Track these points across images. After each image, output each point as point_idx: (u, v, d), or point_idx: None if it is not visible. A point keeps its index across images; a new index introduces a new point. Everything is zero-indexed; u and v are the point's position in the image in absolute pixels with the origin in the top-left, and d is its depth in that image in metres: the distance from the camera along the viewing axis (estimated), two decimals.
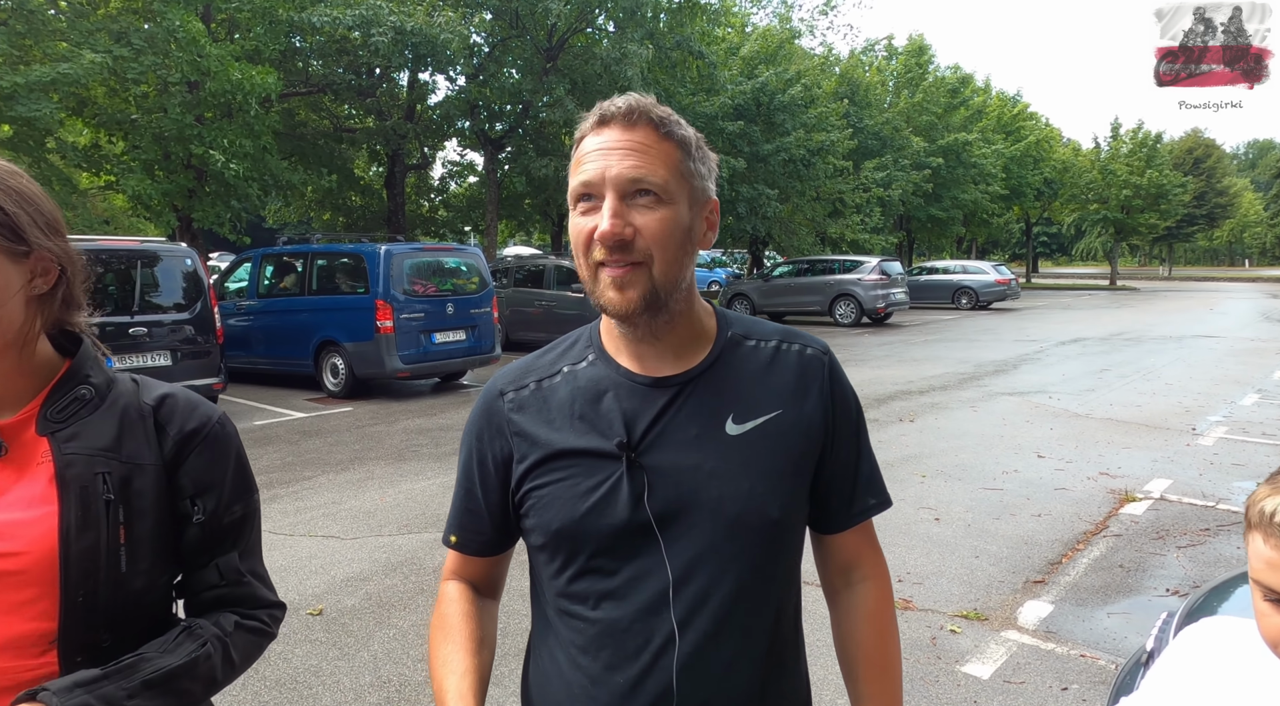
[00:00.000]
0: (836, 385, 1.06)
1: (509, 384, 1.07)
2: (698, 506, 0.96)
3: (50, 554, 0.88)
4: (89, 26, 11.27)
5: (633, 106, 0.95)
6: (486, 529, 1.08)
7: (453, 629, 1.05)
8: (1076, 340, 15.09)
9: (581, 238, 0.95)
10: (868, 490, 1.08)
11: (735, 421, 0.99)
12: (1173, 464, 6.13)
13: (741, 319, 1.10)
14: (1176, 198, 35.90)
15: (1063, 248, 76.49)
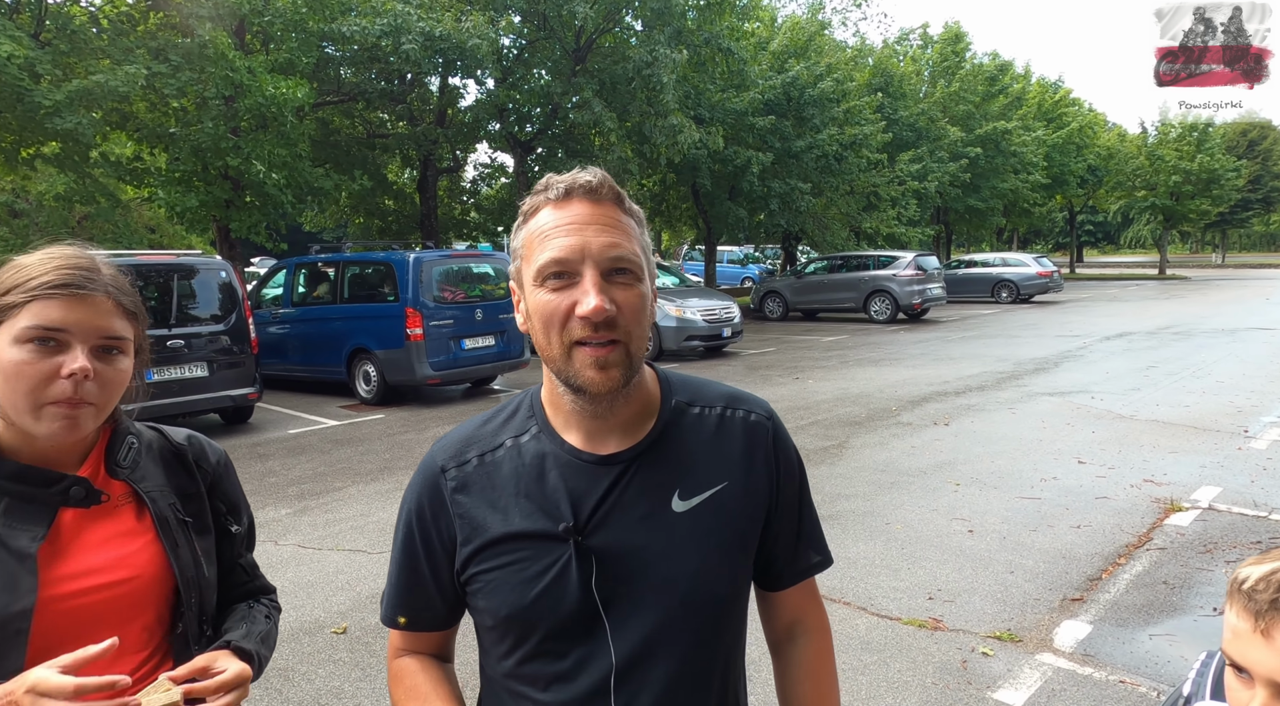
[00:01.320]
0: (780, 449, 1.06)
1: (450, 459, 1.03)
2: (645, 589, 0.96)
3: (158, 573, 1.10)
4: (128, 44, 11.57)
5: (598, 181, 0.94)
6: (437, 606, 1.06)
7: (428, 694, 1.04)
8: (1122, 335, 14.62)
9: (557, 315, 0.90)
10: (810, 548, 1.10)
11: (681, 497, 0.98)
12: (1222, 470, 5.88)
13: (685, 382, 1.08)
14: (1229, 182, 34.57)
15: (1109, 236, 74.33)
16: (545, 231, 0.92)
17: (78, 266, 1.04)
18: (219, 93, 11.28)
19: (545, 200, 0.94)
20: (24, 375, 0.99)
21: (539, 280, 0.92)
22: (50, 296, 1.00)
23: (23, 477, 1.02)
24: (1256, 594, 0.78)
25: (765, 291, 20.61)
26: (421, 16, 12.76)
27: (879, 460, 6.39)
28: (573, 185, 0.93)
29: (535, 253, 0.92)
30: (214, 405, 8.10)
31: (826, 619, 1.15)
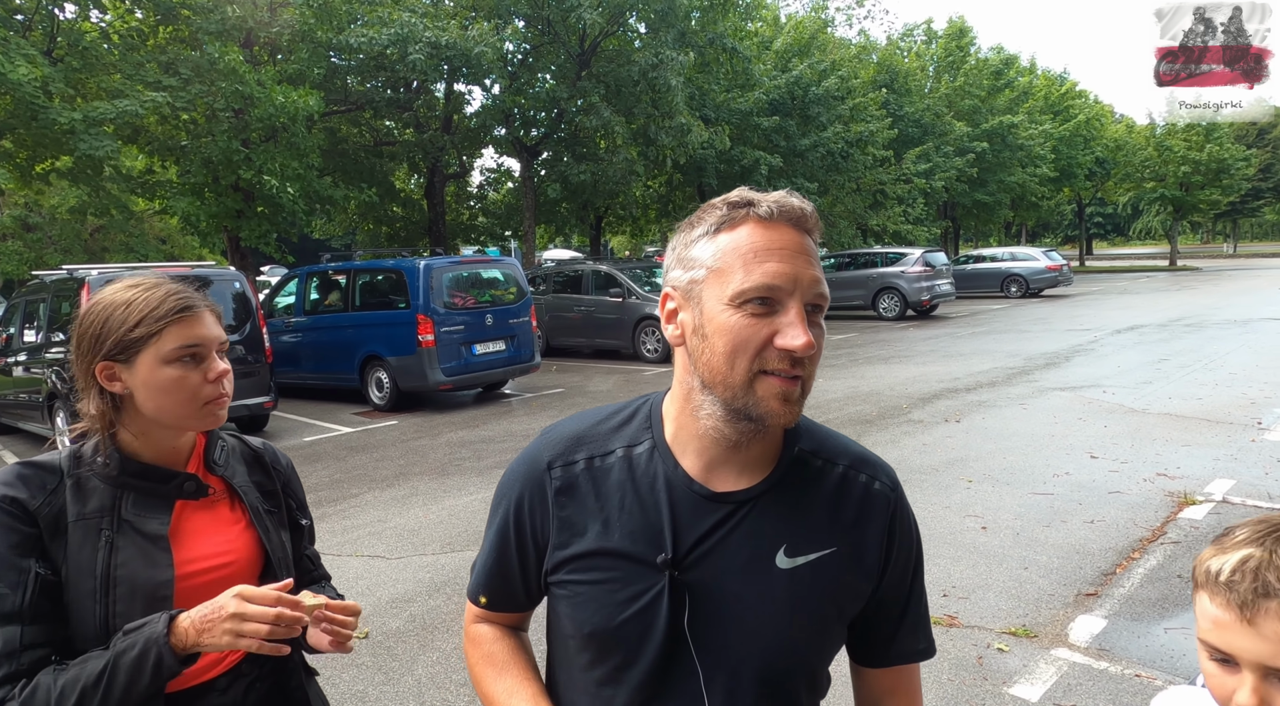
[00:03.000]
0: (899, 526, 1.01)
1: (557, 456, 1.01)
2: (736, 639, 0.93)
3: (252, 557, 1.29)
4: (139, 59, 11.72)
5: (805, 210, 0.89)
6: (519, 595, 1.07)
7: (506, 663, 1.06)
8: (1133, 328, 14.56)
9: (753, 342, 0.85)
10: (911, 635, 1.04)
11: (788, 553, 0.94)
12: (1236, 462, 5.87)
13: (812, 430, 1.02)
14: (1240, 172, 34.33)
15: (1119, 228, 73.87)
16: (754, 251, 0.86)
17: (183, 292, 1.23)
18: (229, 105, 11.41)
19: (749, 216, 0.88)
20: (184, 386, 1.19)
21: (737, 301, 0.86)
22: (180, 319, 1.19)
23: (146, 475, 1.20)
24: (1236, 584, 0.82)
25: None
26: (428, 25, 12.86)
27: (891, 458, 6.41)
28: (783, 208, 0.88)
29: (738, 271, 0.86)
30: (230, 414, 8.17)
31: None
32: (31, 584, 1.08)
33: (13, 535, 1.09)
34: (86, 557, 1.12)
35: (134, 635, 1.06)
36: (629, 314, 13.11)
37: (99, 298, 1.22)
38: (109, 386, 1.19)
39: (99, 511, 1.15)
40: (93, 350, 1.19)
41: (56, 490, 1.14)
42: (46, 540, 1.11)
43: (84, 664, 1.05)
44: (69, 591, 1.11)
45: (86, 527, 1.14)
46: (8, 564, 1.08)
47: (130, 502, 1.18)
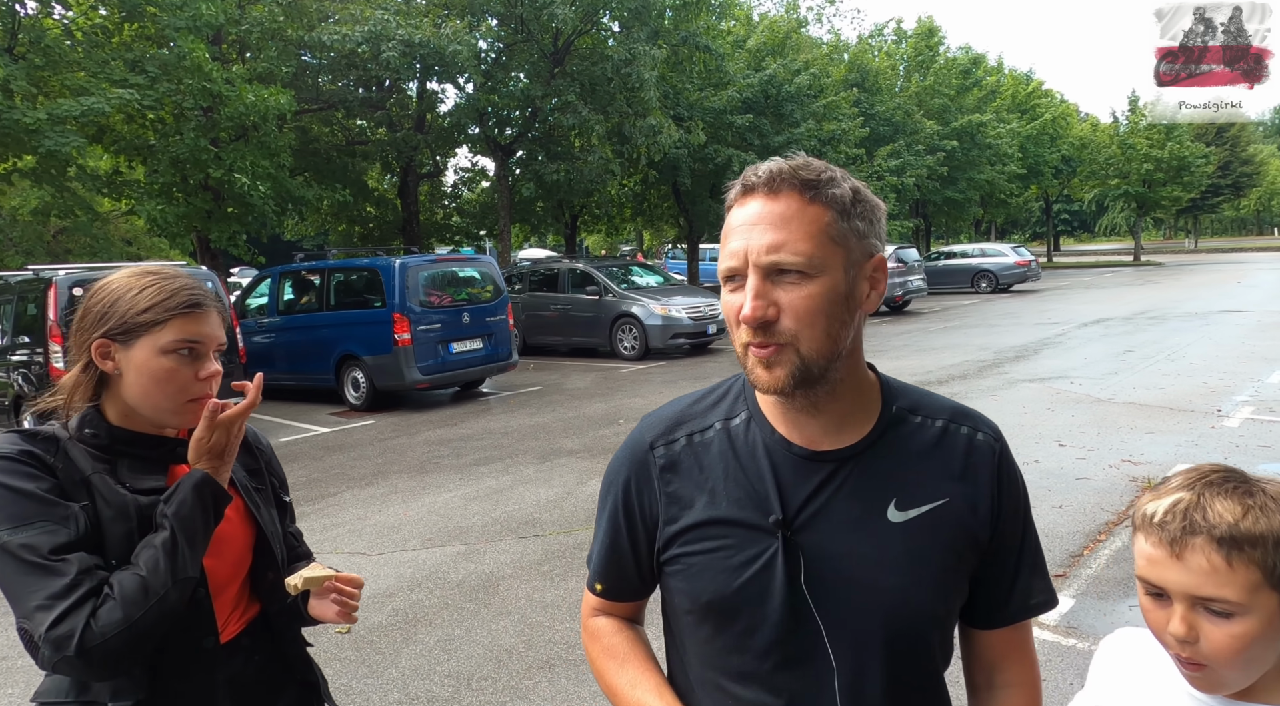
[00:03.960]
0: (1006, 476, 1.00)
1: (659, 436, 1.04)
2: (856, 595, 0.93)
3: (243, 530, 1.33)
4: (104, 56, 11.50)
5: (774, 173, 0.90)
6: (633, 579, 1.08)
7: (626, 655, 1.07)
8: (1099, 321, 14.90)
9: (730, 316, 0.92)
10: (1027, 590, 1.01)
11: (898, 507, 0.94)
12: (1196, 448, 6.06)
13: (908, 390, 1.04)
14: (1200, 169, 35.16)
15: (1085, 225, 75.30)
16: (727, 234, 0.92)
17: (196, 288, 1.25)
18: (197, 103, 11.25)
19: (734, 197, 0.94)
20: (174, 379, 1.21)
21: (723, 282, 0.93)
22: (188, 314, 1.22)
23: (136, 441, 1.24)
24: (1168, 524, 0.89)
25: None
26: (400, 23, 12.77)
27: None
28: (751, 181, 0.91)
29: (720, 256, 0.93)
30: None
31: (1036, 673, 1.05)
32: (81, 517, 1.12)
33: (42, 481, 1.12)
34: (117, 502, 1.16)
35: (175, 495, 1.16)
36: (606, 312, 13.15)
37: (114, 277, 1.26)
38: (101, 363, 1.21)
39: (106, 471, 1.20)
40: (95, 325, 1.21)
41: (59, 452, 1.17)
42: (69, 491, 1.14)
43: (146, 546, 1.12)
44: (105, 536, 1.15)
45: (105, 481, 1.18)
46: (50, 503, 1.11)
47: (125, 468, 1.21)
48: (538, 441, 7.54)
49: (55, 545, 1.07)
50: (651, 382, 10.62)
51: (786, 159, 0.93)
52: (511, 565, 4.55)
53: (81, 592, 1.05)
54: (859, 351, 0.97)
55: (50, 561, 1.06)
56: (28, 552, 1.06)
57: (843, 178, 0.92)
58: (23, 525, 1.08)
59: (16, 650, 3.80)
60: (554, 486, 6.04)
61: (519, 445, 7.44)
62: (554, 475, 6.34)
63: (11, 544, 1.07)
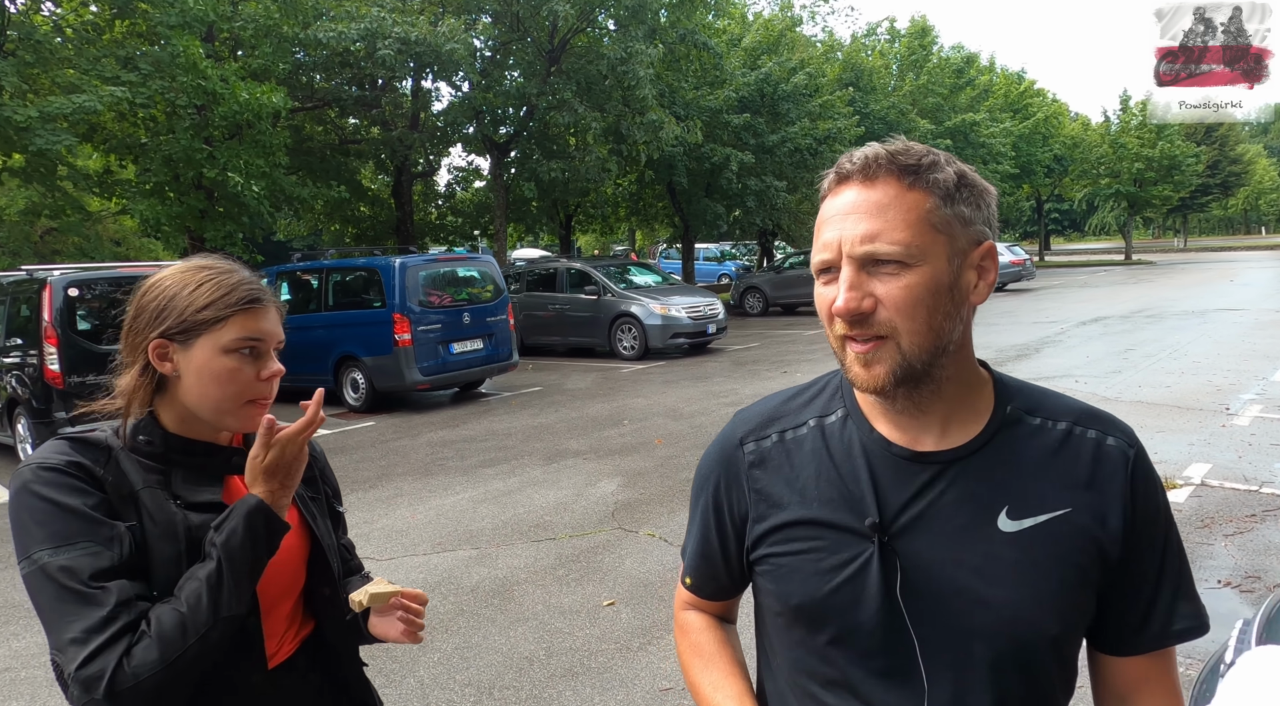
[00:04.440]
0: (1142, 485, 0.90)
1: (750, 433, 1.01)
2: (959, 609, 0.86)
3: (300, 543, 1.24)
4: (95, 53, 11.34)
5: (870, 158, 0.86)
6: (722, 577, 1.06)
7: (712, 655, 1.06)
8: (1097, 319, 14.92)
9: (824, 309, 0.88)
10: (1169, 615, 0.90)
11: (1011, 516, 0.87)
12: (1210, 446, 6.03)
13: (1026, 390, 0.96)
14: (1190, 168, 35.45)
15: (1075, 224, 75.74)
16: (820, 225, 0.89)
17: (255, 282, 1.18)
18: (191, 101, 11.09)
19: (828, 186, 0.90)
20: (236, 380, 1.14)
21: (816, 274, 0.89)
22: (249, 310, 1.15)
23: (191, 450, 1.16)
24: None
25: (745, 287, 20.73)
26: (397, 21, 12.65)
27: None
28: (845, 169, 0.88)
29: (814, 248, 0.90)
30: None
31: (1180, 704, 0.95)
32: (125, 538, 1.04)
33: (89, 496, 1.04)
34: (166, 521, 1.08)
35: (227, 523, 1.06)
36: (605, 311, 13.06)
37: (167, 273, 1.17)
38: (159, 365, 1.13)
39: (158, 484, 1.11)
40: (151, 324, 1.13)
41: (109, 463, 1.09)
42: (116, 506, 1.06)
43: (191, 577, 1.03)
44: (151, 557, 1.06)
45: (156, 496, 1.10)
46: (94, 522, 1.02)
47: (179, 479, 1.13)
48: (542, 442, 7.45)
49: (97, 569, 0.99)
50: (653, 383, 10.54)
51: (884, 143, 0.88)
52: (525, 569, 4.46)
53: (117, 627, 0.97)
54: (968, 347, 0.91)
55: (90, 588, 0.98)
56: (67, 576, 0.98)
57: (947, 161, 0.87)
58: (65, 545, 1.00)
59: (20, 661, 3.69)
60: (563, 488, 5.95)
61: (523, 446, 7.34)
62: (562, 477, 6.26)
63: (51, 566, 0.99)
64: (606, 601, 4.01)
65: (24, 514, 1.03)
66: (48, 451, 1.08)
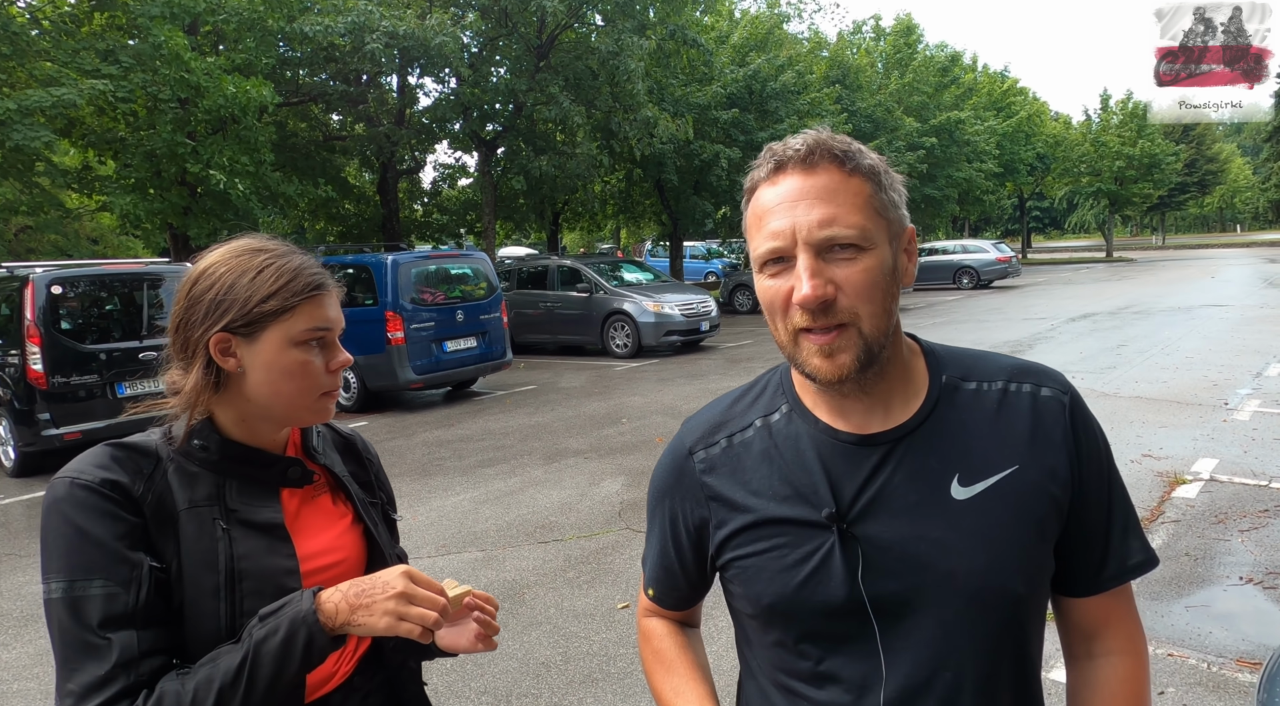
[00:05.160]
0: (1081, 430, 0.91)
1: (698, 441, 1.00)
2: (925, 585, 0.86)
3: (360, 555, 1.15)
4: (74, 45, 11.05)
5: (811, 145, 0.85)
6: (683, 587, 1.07)
7: (674, 661, 1.07)
8: (1086, 316, 15.01)
9: (777, 302, 0.86)
10: (1122, 550, 0.92)
11: (962, 483, 0.88)
12: (1214, 441, 6.04)
13: (955, 356, 0.97)
14: (1169, 166, 35.89)
15: (1055, 221, 76.54)
16: (760, 213, 0.87)
17: (316, 265, 1.08)
18: (174, 95, 10.84)
19: (763, 176, 0.88)
20: (309, 373, 1.05)
21: (759, 267, 0.87)
22: (314, 297, 1.05)
23: (249, 459, 1.06)
24: None
25: (735, 285, 20.69)
26: (385, 15, 12.44)
27: None
28: (783, 157, 0.86)
29: (754, 239, 0.88)
30: None
31: (1141, 638, 0.96)
32: (146, 580, 0.93)
33: (118, 524, 0.94)
34: (205, 550, 0.98)
35: (274, 618, 0.93)
36: (597, 309, 12.94)
37: (219, 259, 1.06)
38: (221, 361, 1.03)
39: (207, 499, 1.01)
40: (210, 317, 1.02)
41: (154, 475, 0.99)
42: (153, 531, 0.97)
43: (214, 661, 0.92)
44: (186, 589, 0.96)
45: (199, 517, 1.00)
46: (117, 557, 0.92)
47: (234, 490, 1.04)
48: (541, 442, 7.33)
49: (108, 615, 0.90)
50: (647, 380, 10.45)
51: (814, 132, 0.88)
52: (535, 572, 4.35)
53: (112, 692, 0.88)
54: (899, 327, 0.92)
55: (95, 638, 0.89)
56: (76, 619, 0.90)
57: (867, 149, 0.89)
58: (82, 579, 0.91)
59: (10, 672, 3.53)
60: (566, 488, 5.84)
61: (522, 446, 7.22)
62: (564, 476, 6.15)
63: (64, 602, 0.90)
64: (620, 604, 3.91)
65: (49, 534, 0.94)
66: (87, 463, 0.97)
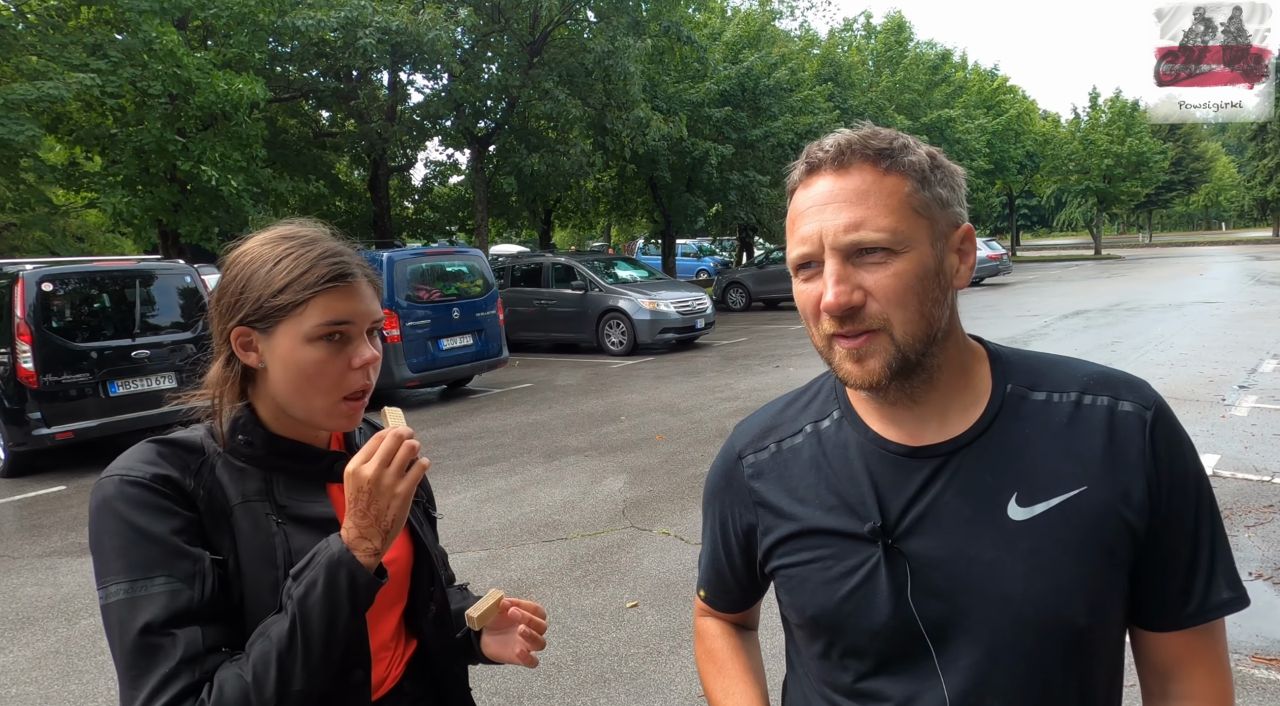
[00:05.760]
0: (1165, 450, 0.83)
1: (748, 446, 0.99)
2: (974, 608, 0.82)
3: (409, 555, 1.10)
4: (61, 39, 10.90)
5: (842, 145, 0.82)
6: (734, 590, 1.07)
7: (725, 662, 1.06)
8: (1078, 313, 15.09)
9: (809, 307, 0.84)
10: (1208, 586, 0.84)
11: (1021, 502, 0.82)
12: (1215, 438, 6.06)
13: (1027, 363, 0.90)
14: (1157, 165, 36.16)
15: (1043, 219, 77.03)
16: (793, 219, 0.85)
17: (340, 254, 1.01)
18: (165, 90, 10.71)
19: (797, 177, 0.86)
20: (325, 372, 0.98)
21: (794, 271, 0.86)
22: (332, 289, 0.99)
23: (295, 454, 1.02)
24: None
25: (728, 282, 20.68)
26: (377, 10, 12.34)
27: None
28: (816, 158, 0.84)
29: (789, 243, 0.86)
30: (186, 418, 7.67)
31: (1226, 685, 0.87)
32: (210, 574, 0.90)
33: (175, 519, 0.90)
34: (262, 544, 0.95)
35: (309, 571, 0.89)
36: (592, 307, 12.89)
37: (246, 248, 1.03)
38: (243, 356, 1.01)
39: (258, 494, 0.98)
40: (231, 309, 1.00)
41: (201, 470, 0.96)
42: (208, 526, 0.93)
43: (264, 635, 0.88)
44: (245, 584, 0.93)
45: (253, 511, 0.96)
46: (176, 552, 0.89)
47: (282, 486, 1.00)
48: (540, 440, 7.28)
49: (171, 612, 0.86)
50: (644, 378, 10.41)
51: (853, 129, 0.85)
52: (541, 571, 4.31)
53: (177, 690, 0.84)
54: (957, 330, 0.87)
55: (158, 637, 0.86)
56: (137, 621, 0.86)
57: (916, 144, 0.85)
58: (142, 579, 0.87)
59: (8, 677, 3.46)
60: (567, 486, 5.80)
61: (521, 444, 7.17)
62: (565, 474, 6.10)
63: (126, 604, 0.86)
64: (629, 603, 3.88)
65: (104, 536, 0.90)
66: (134, 460, 0.93)
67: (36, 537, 5.24)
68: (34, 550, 5.02)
